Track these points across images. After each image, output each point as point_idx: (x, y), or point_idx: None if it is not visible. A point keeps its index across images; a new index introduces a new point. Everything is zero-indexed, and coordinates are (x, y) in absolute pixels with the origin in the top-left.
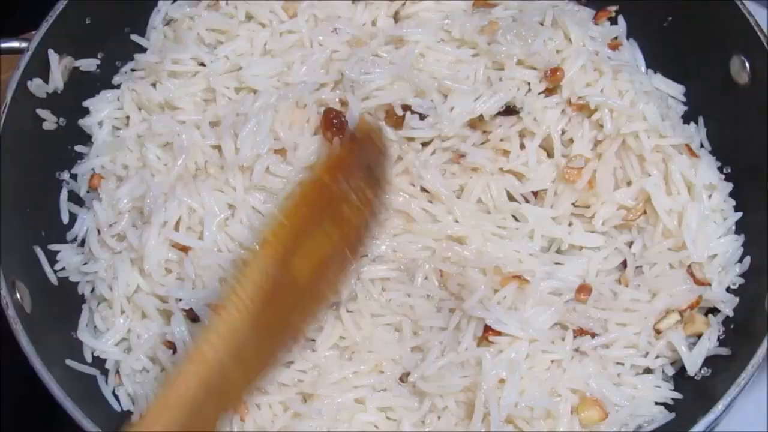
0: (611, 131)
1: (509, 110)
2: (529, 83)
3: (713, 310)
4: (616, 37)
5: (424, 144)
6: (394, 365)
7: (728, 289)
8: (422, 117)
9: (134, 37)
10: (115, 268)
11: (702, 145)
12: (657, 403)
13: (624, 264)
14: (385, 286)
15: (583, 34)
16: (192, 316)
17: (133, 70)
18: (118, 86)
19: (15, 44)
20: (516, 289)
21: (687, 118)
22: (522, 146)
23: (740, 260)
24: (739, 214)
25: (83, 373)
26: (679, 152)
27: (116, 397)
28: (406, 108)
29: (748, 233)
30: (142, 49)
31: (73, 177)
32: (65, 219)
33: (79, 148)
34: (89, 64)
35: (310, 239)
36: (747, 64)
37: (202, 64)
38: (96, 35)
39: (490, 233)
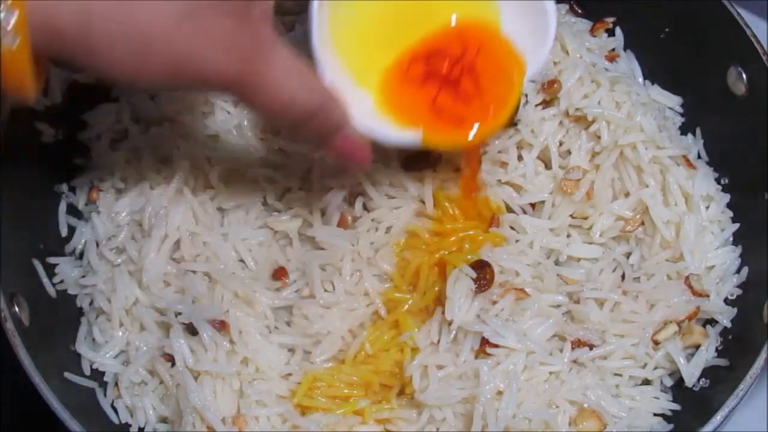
0: (608, 142)
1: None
2: (526, 95)
3: (711, 321)
4: (613, 49)
5: None
6: (393, 377)
7: (726, 300)
8: None
9: None
10: (113, 280)
11: (699, 156)
12: (655, 414)
13: (622, 275)
14: (385, 301)
15: (580, 46)
16: (191, 330)
17: None
18: (116, 99)
19: None
20: (514, 300)
21: (684, 129)
22: (520, 158)
23: (738, 271)
24: (737, 225)
25: (82, 386)
26: (677, 163)
27: (115, 409)
28: None
29: (746, 244)
30: None
31: (72, 190)
32: (64, 232)
33: (77, 160)
34: (88, 77)
35: None
36: (744, 75)
37: None
38: None
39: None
